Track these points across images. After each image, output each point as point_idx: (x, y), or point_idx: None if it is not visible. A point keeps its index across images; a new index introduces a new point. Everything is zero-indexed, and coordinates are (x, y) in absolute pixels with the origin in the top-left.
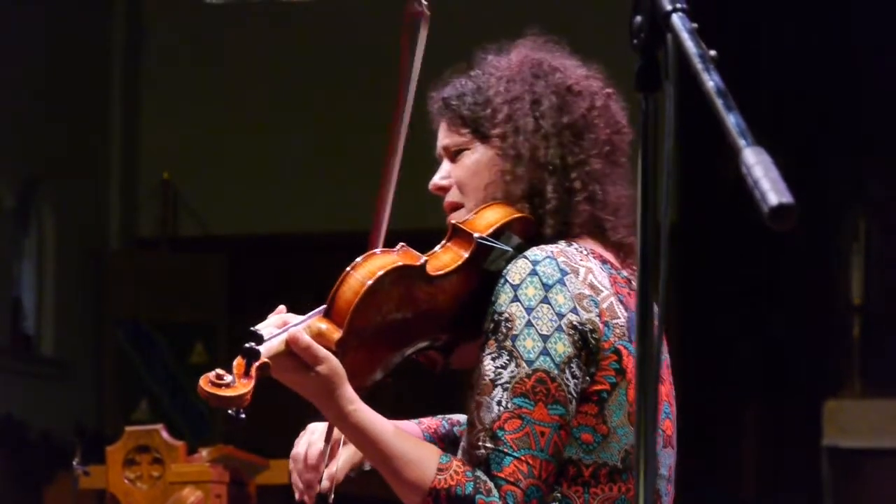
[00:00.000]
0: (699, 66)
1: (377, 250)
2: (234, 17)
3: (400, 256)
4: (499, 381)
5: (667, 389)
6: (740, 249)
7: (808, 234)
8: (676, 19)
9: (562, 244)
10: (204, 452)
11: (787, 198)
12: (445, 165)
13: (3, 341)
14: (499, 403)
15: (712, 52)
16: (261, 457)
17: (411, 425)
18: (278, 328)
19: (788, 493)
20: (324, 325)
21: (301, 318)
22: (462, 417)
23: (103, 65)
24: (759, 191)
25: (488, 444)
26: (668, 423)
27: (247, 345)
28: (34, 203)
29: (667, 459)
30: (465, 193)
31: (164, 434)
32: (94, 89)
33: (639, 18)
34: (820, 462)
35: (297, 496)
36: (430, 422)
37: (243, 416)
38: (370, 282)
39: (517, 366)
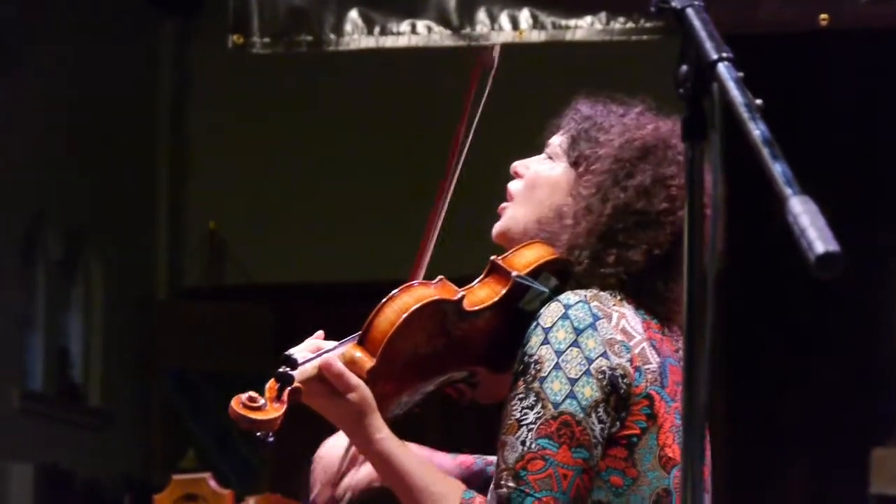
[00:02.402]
0: (745, 114)
1: (415, 282)
2: (282, 65)
3: (437, 290)
4: (524, 422)
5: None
6: (786, 297)
7: (854, 282)
8: (722, 68)
9: (595, 289)
10: (251, 501)
11: (833, 246)
12: (535, 158)
13: (50, 391)
14: (523, 443)
15: (758, 101)
16: None
17: (446, 458)
18: (312, 353)
19: None
20: (357, 353)
21: (335, 344)
22: None
23: (150, 114)
24: (805, 239)
25: (510, 484)
26: (706, 470)
27: (280, 369)
28: (82, 254)
29: None
30: (522, 192)
31: (212, 482)
32: (140, 140)
33: (684, 68)
34: None
35: (310, 496)
36: (466, 458)
37: (272, 439)
38: (406, 314)
39: (543, 407)
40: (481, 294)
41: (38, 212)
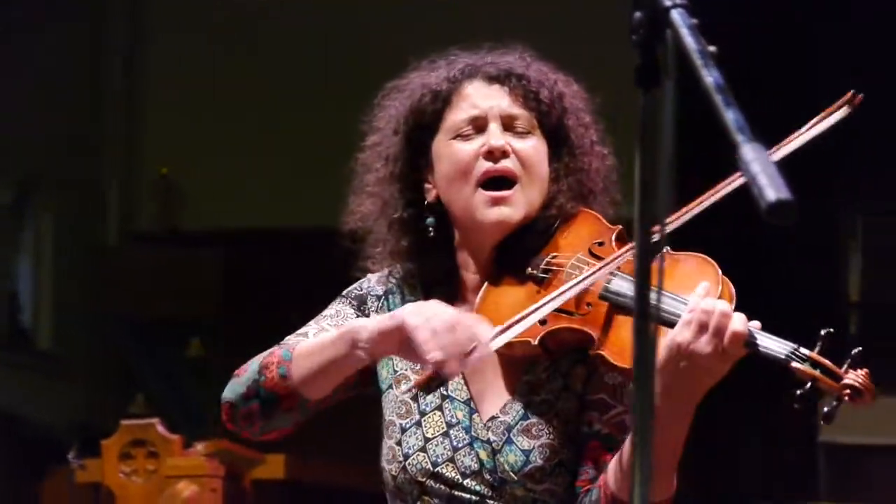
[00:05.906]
0: (698, 61)
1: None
2: (236, 10)
3: None
4: None
5: None
6: (735, 247)
7: (804, 230)
8: (676, 15)
9: None
10: (200, 446)
11: (784, 193)
12: (499, 131)
13: (0, 335)
14: None
15: (712, 48)
16: (256, 451)
17: None
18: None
19: (785, 489)
20: None
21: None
22: None
23: (102, 59)
24: (757, 187)
25: None
26: None
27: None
28: (32, 198)
29: None
30: (529, 173)
31: (160, 428)
32: (92, 84)
33: (639, 14)
34: (817, 458)
35: (421, 357)
36: None
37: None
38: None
39: None
40: None
41: None
